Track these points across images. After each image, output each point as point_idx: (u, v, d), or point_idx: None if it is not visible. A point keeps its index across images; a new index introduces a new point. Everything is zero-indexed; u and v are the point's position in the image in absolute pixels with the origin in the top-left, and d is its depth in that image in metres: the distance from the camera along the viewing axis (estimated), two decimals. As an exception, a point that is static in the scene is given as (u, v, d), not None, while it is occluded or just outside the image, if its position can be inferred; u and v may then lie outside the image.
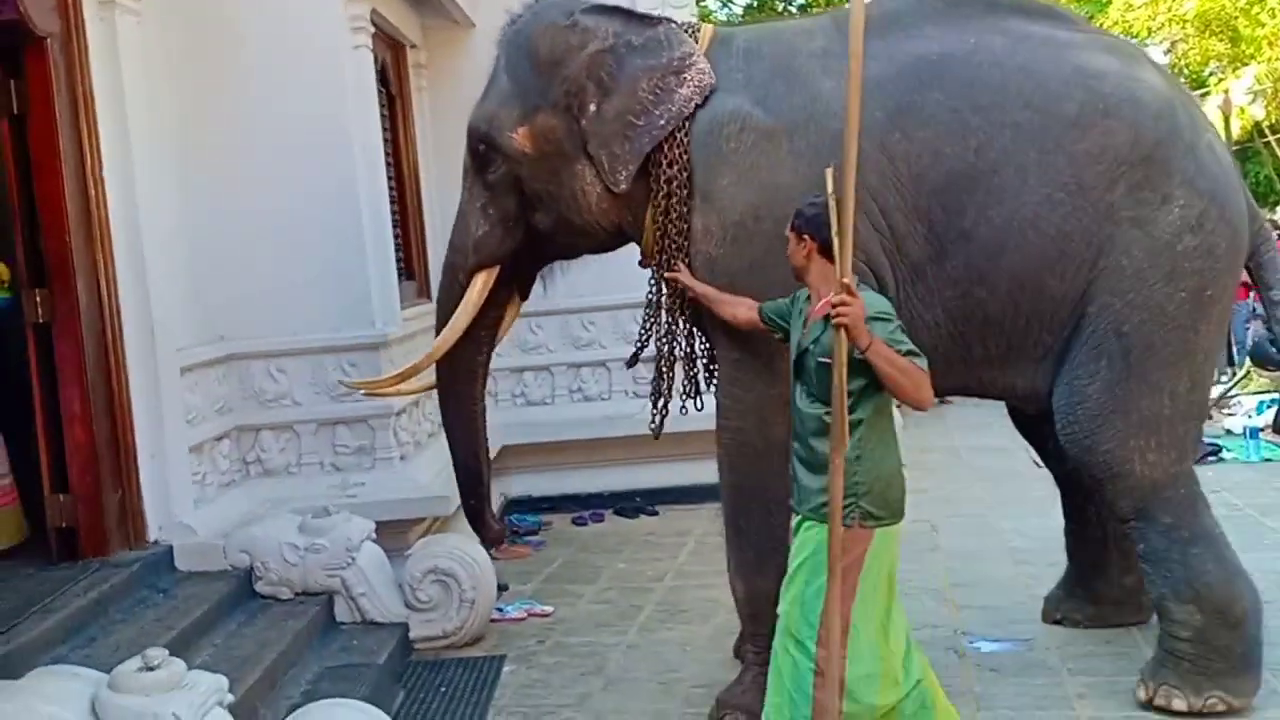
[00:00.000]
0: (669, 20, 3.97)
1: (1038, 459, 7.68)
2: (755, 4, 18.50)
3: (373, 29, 5.69)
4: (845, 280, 3.05)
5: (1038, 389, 3.92)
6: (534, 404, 7.17)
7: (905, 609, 4.84)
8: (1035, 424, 4.48)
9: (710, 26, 4.06)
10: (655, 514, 6.95)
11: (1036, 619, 4.74)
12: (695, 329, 4.11)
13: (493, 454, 6.56)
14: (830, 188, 3.20)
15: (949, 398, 7.12)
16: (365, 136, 5.50)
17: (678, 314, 4.06)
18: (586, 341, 7.11)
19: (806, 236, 3.27)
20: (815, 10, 14.04)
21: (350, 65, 5.41)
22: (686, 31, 3.96)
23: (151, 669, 3.10)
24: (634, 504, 7.05)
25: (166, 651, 3.19)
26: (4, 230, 4.59)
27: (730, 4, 19.20)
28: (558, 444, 7.00)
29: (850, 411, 3.08)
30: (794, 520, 3.33)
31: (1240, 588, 3.75)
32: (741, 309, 3.65)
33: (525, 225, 4.15)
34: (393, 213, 6.20)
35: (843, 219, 3.18)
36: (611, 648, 4.78)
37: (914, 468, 7.69)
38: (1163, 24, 18.36)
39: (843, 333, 3.01)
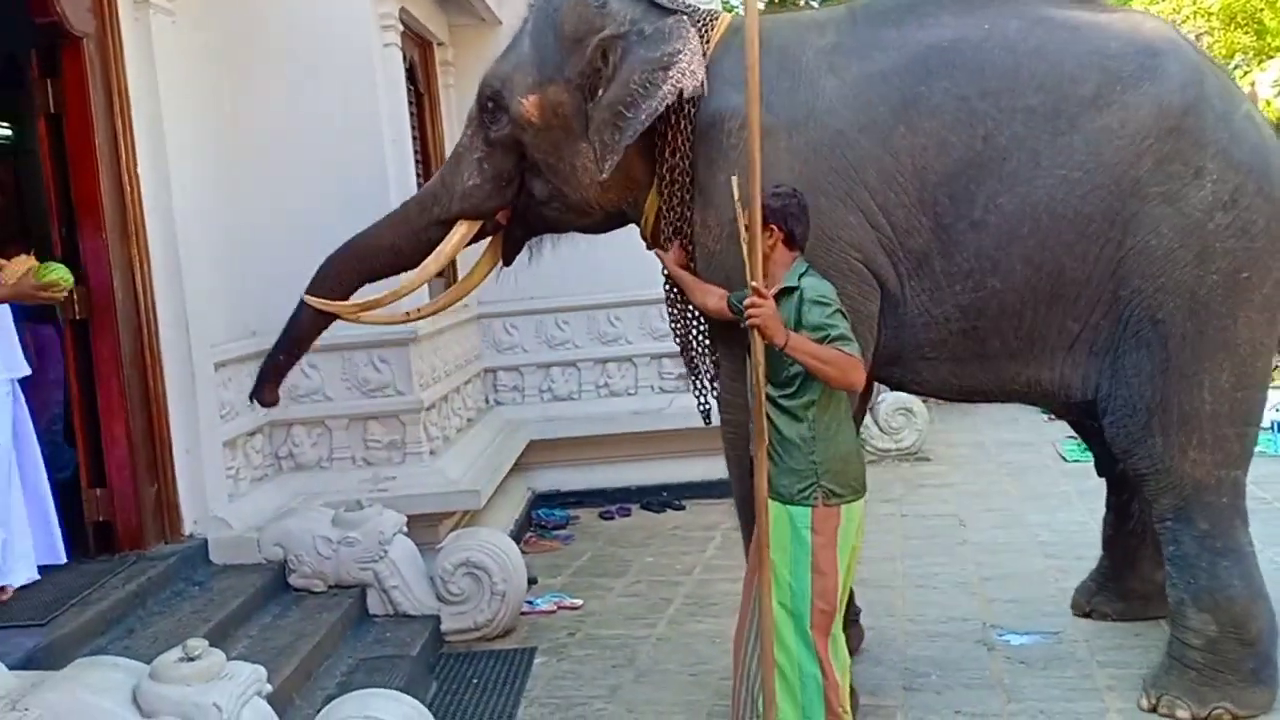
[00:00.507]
0: (684, 12, 3.87)
1: (1064, 453, 7.77)
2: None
3: (401, 27, 5.72)
4: (755, 283, 3.25)
5: (1067, 381, 3.80)
6: (561, 399, 7.19)
7: (932, 602, 4.95)
8: (1081, 427, 4.42)
9: (728, 16, 4.00)
10: (682, 508, 6.96)
11: (1066, 612, 4.73)
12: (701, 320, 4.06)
13: (520, 449, 6.68)
14: (736, 194, 3.36)
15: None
16: (395, 133, 5.53)
17: (676, 302, 4.05)
18: (613, 337, 7.13)
19: (773, 226, 3.34)
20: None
21: (380, 63, 5.44)
22: (702, 22, 3.89)
23: (192, 659, 3.13)
24: (660, 498, 7.07)
25: (206, 642, 3.23)
26: (41, 228, 4.64)
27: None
28: (585, 439, 7.02)
29: (799, 394, 3.30)
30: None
31: (1261, 609, 3.68)
32: (712, 298, 3.70)
33: (518, 188, 4.11)
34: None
35: (751, 224, 3.32)
36: (642, 640, 4.81)
37: (941, 462, 7.89)
38: (1187, 17, 18.20)
39: (757, 333, 3.21)
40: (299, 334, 4.40)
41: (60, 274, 3.99)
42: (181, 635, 3.66)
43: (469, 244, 4.29)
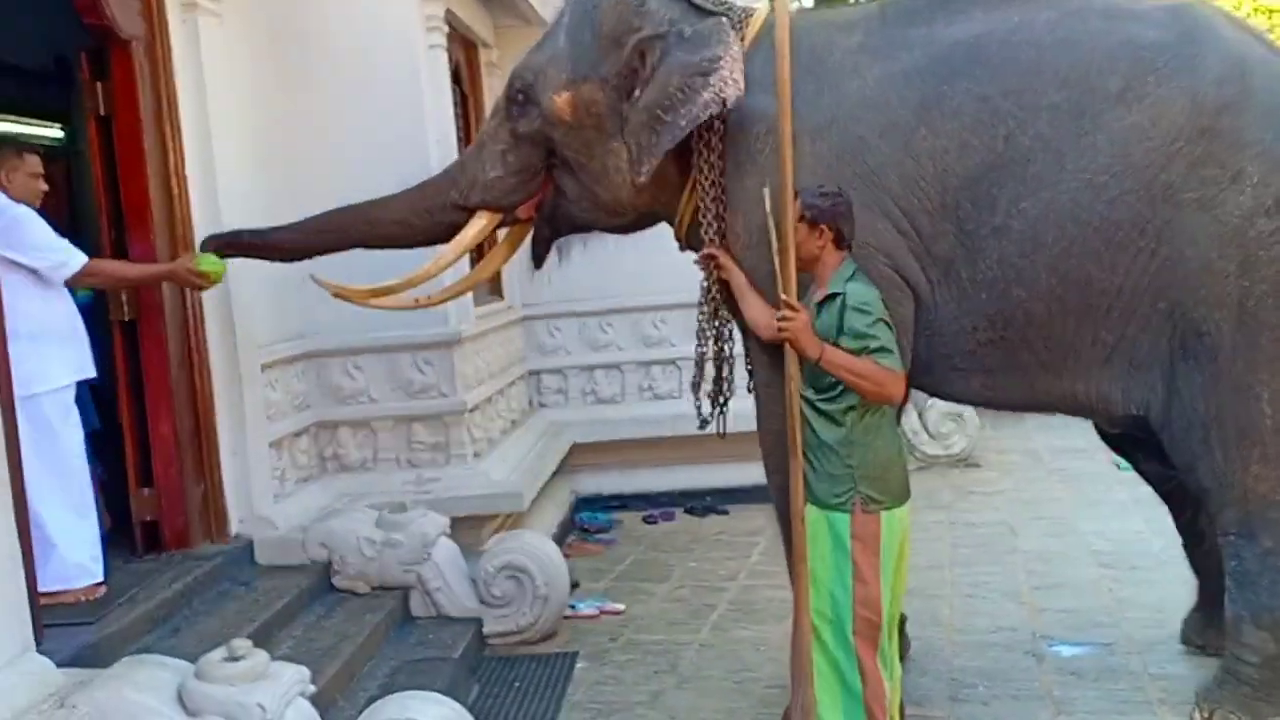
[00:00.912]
0: (725, 14, 3.79)
1: (1118, 460, 7.60)
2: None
3: (447, 29, 5.73)
4: (784, 296, 3.23)
5: (1104, 395, 3.62)
6: (604, 402, 7.18)
7: (981, 611, 4.86)
8: (1129, 442, 4.25)
9: (762, 13, 3.88)
10: (725, 513, 6.91)
11: (1118, 622, 4.63)
12: (738, 325, 3.96)
13: (563, 452, 6.67)
14: (768, 205, 3.32)
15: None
16: (440, 134, 5.54)
17: (719, 307, 3.93)
18: (657, 340, 7.11)
19: (824, 226, 3.27)
20: None
21: (425, 64, 5.45)
22: (739, 19, 3.82)
23: (236, 659, 3.14)
24: (704, 503, 7.03)
25: (251, 643, 3.24)
26: (90, 228, 4.68)
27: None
28: (628, 442, 7.00)
29: (839, 399, 3.23)
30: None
31: None
32: (766, 315, 3.45)
33: (541, 183, 4.07)
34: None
35: (782, 237, 3.27)
36: (684, 646, 4.76)
37: (992, 468, 7.77)
38: (1248, 14, 17.87)
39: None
40: (269, 245, 4.40)
41: (213, 265, 4.16)
42: (227, 635, 3.68)
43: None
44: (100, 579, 4.01)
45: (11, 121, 7.28)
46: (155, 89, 4.51)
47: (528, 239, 4.34)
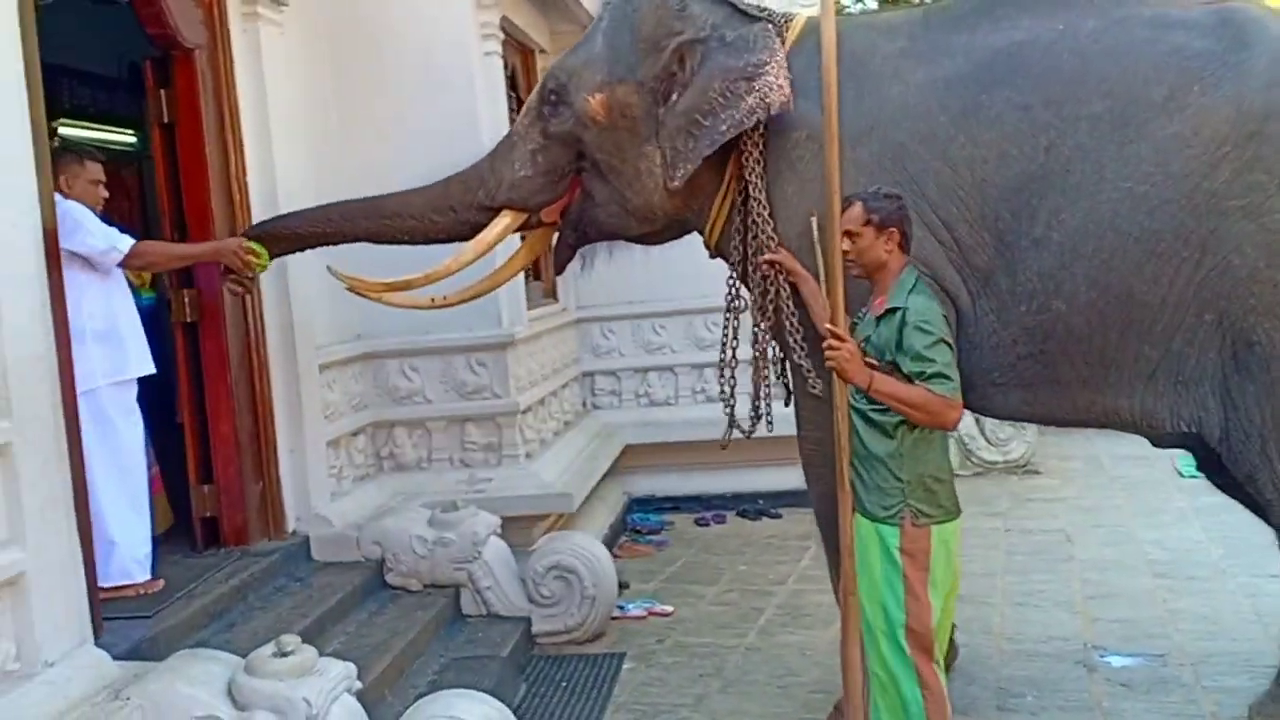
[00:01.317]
0: (769, 19, 3.76)
1: (1180, 466, 7.46)
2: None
3: (503, 35, 5.80)
4: (829, 325, 3.18)
5: (1151, 411, 3.50)
6: (657, 404, 7.22)
7: (1032, 620, 4.80)
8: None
9: (803, 18, 3.86)
10: (778, 517, 6.90)
11: (1171, 633, 4.56)
12: (773, 334, 3.88)
13: (615, 453, 6.71)
14: (816, 235, 3.30)
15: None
16: (495, 140, 5.57)
17: (763, 315, 3.83)
18: (710, 342, 7.04)
19: (892, 229, 3.20)
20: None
21: (481, 71, 5.54)
22: (779, 23, 3.78)
23: (285, 655, 3.23)
24: (757, 506, 7.02)
25: (299, 638, 3.33)
26: (153, 232, 4.82)
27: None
28: (681, 444, 7.01)
29: (889, 412, 3.14)
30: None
31: None
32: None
33: (568, 186, 4.05)
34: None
35: (831, 263, 3.20)
36: (731, 649, 4.77)
37: (1052, 475, 7.66)
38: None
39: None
40: (279, 233, 4.30)
41: (262, 252, 4.21)
42: (281, 630, 3.76)
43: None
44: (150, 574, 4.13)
45: (86, 127, 7.54)
46: (217, 96, 4.64)
47: (550, 243, 4.34)
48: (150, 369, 4.22)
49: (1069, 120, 3.39)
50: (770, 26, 3.71)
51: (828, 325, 3.23)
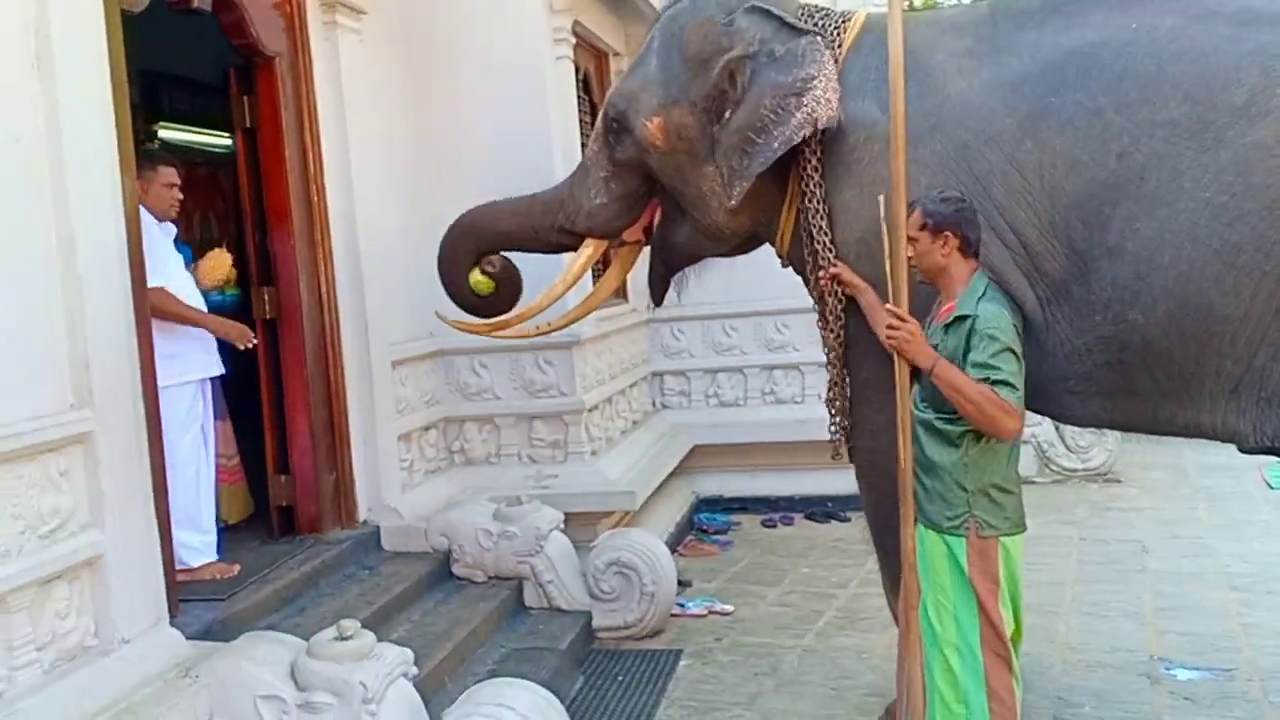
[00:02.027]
0: (817, 32, 3.69)
1: (1270, 479, 7.24)
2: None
3: (574, 40, 5.91)
4: (889, 306, 3.15)
5: (1232, 427, 3.31)
6: (727, 405, 7.24)
7: (1098, 630, 4.74)
8: None
9: (863, 15, 3.79)
10: (847, 520, 6.87)
11: (1241, 647, 4.46)
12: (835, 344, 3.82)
13: (682, 453, 6.76)
14: (882, 212, 3.23)
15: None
16: (566, 143, 5.72)
17: (824, 325, 3.83)
18: (780, 344, 7.12)
19: (947, 233, 3.16)
20: None
21: (552, 75, 5.64)
22: (834, 28, 3.74)
23: (344, 639, 3.37)
24: (825, 509, 7.00)
25: (359, 624, 3.46)
26: (236, 233, 5.02)
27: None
28: (749, 445, 7.05)
29: (956, 421, 3.11)
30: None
31: None
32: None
33: (645, 206, 4.09)
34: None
35: (895, 245, 3.17)
36: (787, 650, 4.80)
37: (1132, 484, 7.50)
38: None
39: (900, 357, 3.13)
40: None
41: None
42: (349, 615, 3.88)
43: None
44: (215, 559, 4.33)
45: (185, 130, 7.86)
46: (297, 102, 4.81)
47: (640, 259, 4.44)
48: (216, 371, 4.40)
49: (1143, 126, 3.22)
50: (819, 39, 3.65)
51: (888, 306, 3.19)
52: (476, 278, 4.42)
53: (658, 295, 4.37)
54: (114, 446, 3.22)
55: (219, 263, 4.54)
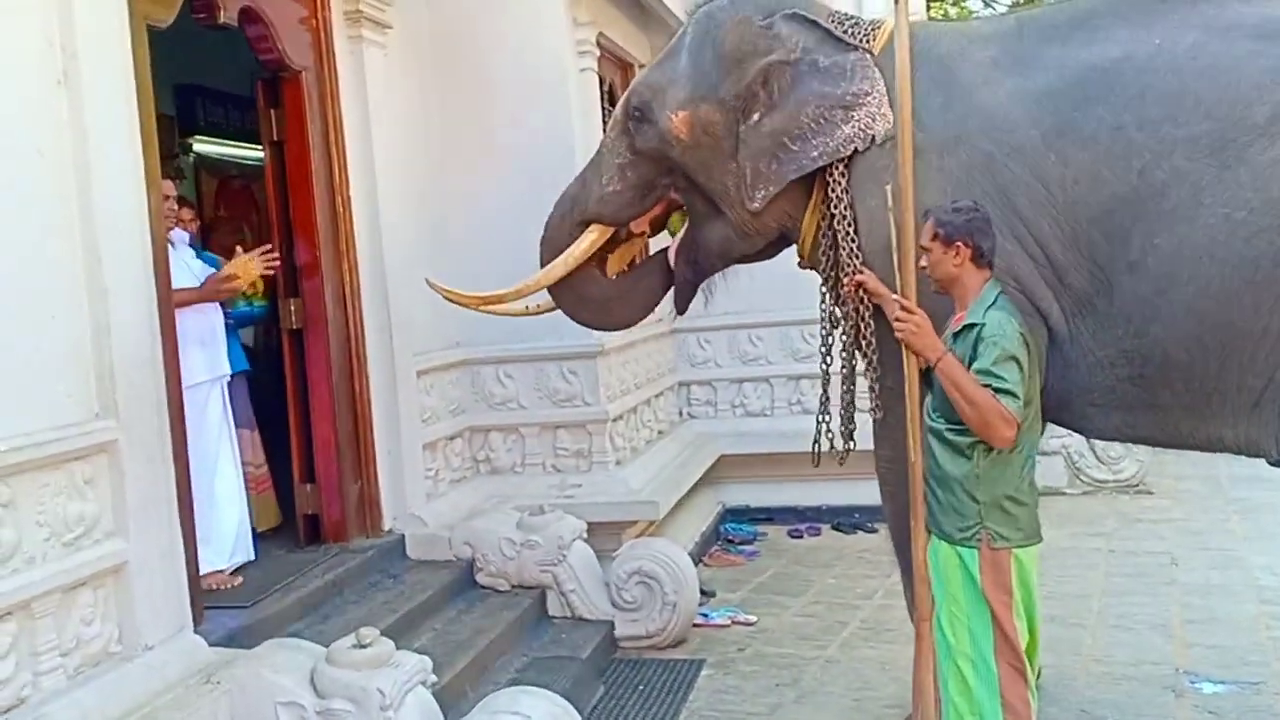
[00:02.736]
0: (867, 50, 3.69)
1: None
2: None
3: (599, 52, 5.94)
4: (896, 297, 3.19)
5: (1254, 441, 3.32)
6: (753, 415, 7.22)
7: (1124, 643, 4.69)
8: None
9: (890, 24, 3.74)
10: (874, 531, 6.82)
11: (1270, 660, 4.39)
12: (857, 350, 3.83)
13: (708, 463, 6.76)
14: (890, 202, 3.26)
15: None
16: (590, 154, 5.72)
17: (851, 329, 3.81)
18: (806, 354, 7.07)
19: (959, 244, 3.17)
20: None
21: (576, 87, 5.68)
22: (869, 29, 3.76)
23: (363, 647, 3.41)
24: (852, 519, 6.97)
25: (378, 632, 3.50)
26: (263, 244, 5.06)
27: (992, 4, 18.34)
28: (776, 455, 6.99)
29: (966, 432, 3.10)
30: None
31: None
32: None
33: (658, 198, 4.08)
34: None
35: (903, 239, 3.20)
36: (810, 661, 4.79)
37: (1163, 495, 7.40)
38: None
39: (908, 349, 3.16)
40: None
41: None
42: (372, 623, 3.93)
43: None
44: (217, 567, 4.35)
45: (220, 143, 7.99)
46: (323, 116, 4.87)
47: (634, 252, 4.40)
48: (222, 372, 4.46)
49: (1165, 142, 3.25)
50: (868, 57, 3.66)
51: (895, 297, 3.21)
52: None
53: (684, 302, 4.35)
54: (137, 455, 3.28)
55: (246, 265, 4.55)
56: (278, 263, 4.62)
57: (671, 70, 3.96)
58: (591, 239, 4.18)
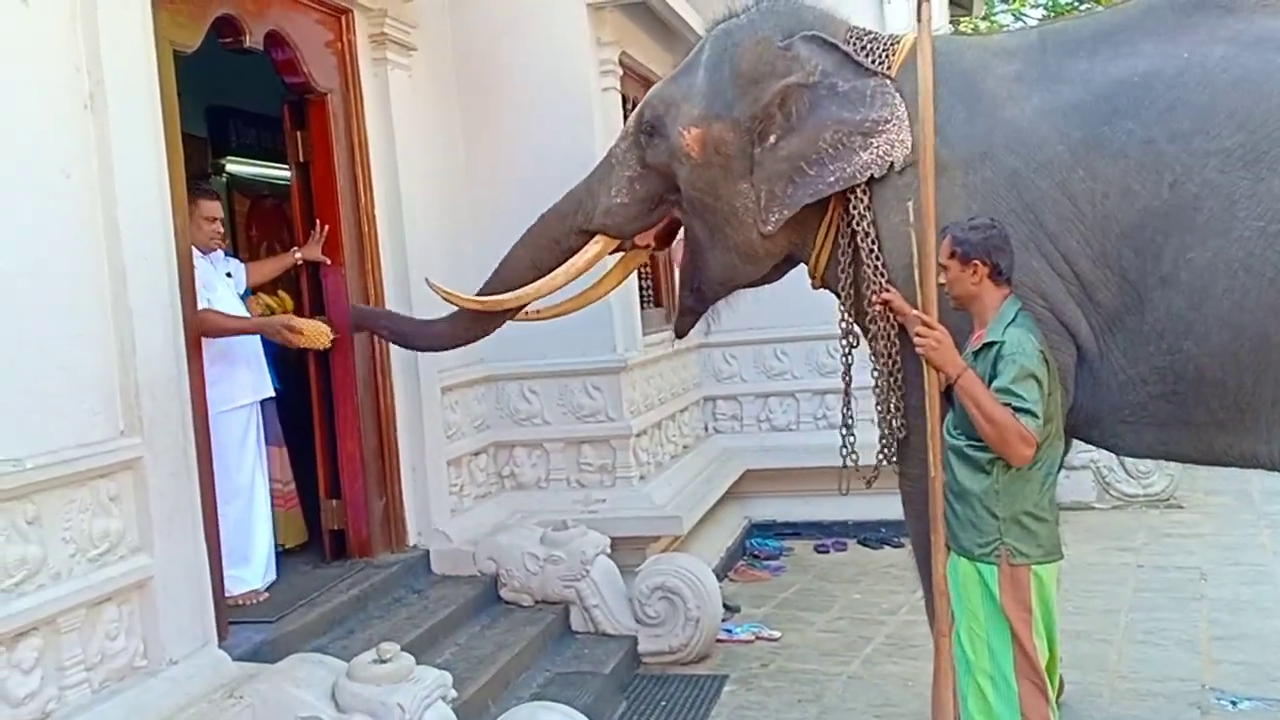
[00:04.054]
0: (888, 76, 3.65)
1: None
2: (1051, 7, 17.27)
3: (621, 71, 5.99)
4: (917, 313, 3.19)
5: None
6: (779, 429, 7.23)
7: (1150, 659, 4.64)
8: None
9: (910, 38, 3.70)
10: (900, 546, 6.78)
11: (1298, 678, 4.33)
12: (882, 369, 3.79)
13: (733, 478, 6.76)
14: (912, 217, 3.24)
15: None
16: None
17: (873, 352, 3.79)
18: (832, 369, 7.05)
19: (976, 262, 3.16)
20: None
21: (599, 106, 5.73)
22: (889, 44, 3.73)
23: (383, 661, 3.44)
24: (879, 534, 6.95)
25: (398, 647, 3.53)
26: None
27: (1023, 16, 18.24)
28: (802, 470, 6.99)
29: (985, 447, 3.08)
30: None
31: None
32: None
33: (662, 215, 4.07)
34: (643, 244, 6.49)
35: (923, 255, 3.18)
36: (833, 677, 4.78)
37: (1194, 510, 7.32)
38: None
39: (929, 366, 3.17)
40: (421, 334, 4.48)
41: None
42: (396, 638, 3.99)
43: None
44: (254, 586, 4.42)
45: (252, 164, 8.09)
46: (348, 137, 4.94)
47: (637, 264, 4.45)
48: (266, 393, 4.54)
49: (1197, 155, 3.21)
50: (888, 82, 3.62)
51: (916, 312, 3.21)
52: (317, 327, 4.52)
53: (684, 327, 4.36)
54: (163, 472, 3.34)
55: (316, 330, 4.58)
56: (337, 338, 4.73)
57: (687, 86, 3.94)
58: (596, 250, 4.16)
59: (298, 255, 4.85)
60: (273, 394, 4.65)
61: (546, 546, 5.07)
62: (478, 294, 4.34)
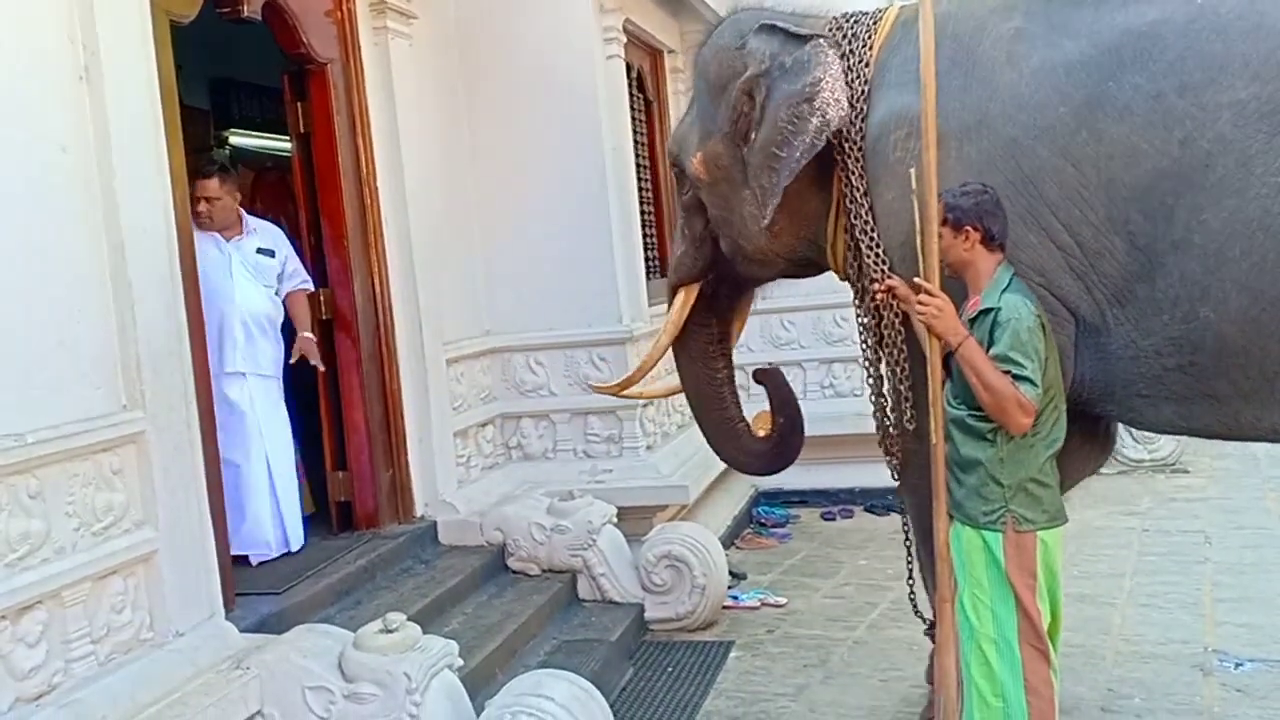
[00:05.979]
0: (820, 35, 3.60)
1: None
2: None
3: (625, 39, 5.94)
4: (918, 280, 3.14)
5: None
6: (785, 398, 7.20)
7: (1153, 621, 4.65)
8: None
9: (895, 10, 3.64)
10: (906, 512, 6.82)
11: (1301, 640, 4.34)
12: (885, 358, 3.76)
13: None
14: (914, 185, 3.18)
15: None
16: (616, 141, 5.75)
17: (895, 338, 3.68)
18: (838, 338, 7.10)
19: (968, 228, 3.12)
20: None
21: (602, 74, 5.69)
22: (853, 30, 3.68)
23: (390, 631, 3.47)
24: (885, 501, 6.94)
25: (404, 617, 3.55)
26: (295, 237, 5.13)
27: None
28: (809, 438, 6.92)
29: (986, 417, 3.07)
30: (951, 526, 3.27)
31: None
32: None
33: (711, 246, 4.09)
34: (649, 214, 6.48)
35: (925, 220, 3.13)
36: (838, 642, 4.81)
37: (1200, 474, 7.31)
38: None
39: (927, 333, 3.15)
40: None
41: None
42: (403, 608, 4.03)
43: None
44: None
45: (255, 136, 8.08)
46: (349, 107, 4.92)
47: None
48: (284, 365, 4.56)
49: (1209, 109, 2.98)
50: (821, 41, 3.57)
51: (917, 280, 3.16)
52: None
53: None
54: (165, 445, 3.35)
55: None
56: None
57: (689, 118, 4.07)
58: (681, 299, 4.27)
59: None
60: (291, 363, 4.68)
61: (553, 516, 5.09)
62: None
